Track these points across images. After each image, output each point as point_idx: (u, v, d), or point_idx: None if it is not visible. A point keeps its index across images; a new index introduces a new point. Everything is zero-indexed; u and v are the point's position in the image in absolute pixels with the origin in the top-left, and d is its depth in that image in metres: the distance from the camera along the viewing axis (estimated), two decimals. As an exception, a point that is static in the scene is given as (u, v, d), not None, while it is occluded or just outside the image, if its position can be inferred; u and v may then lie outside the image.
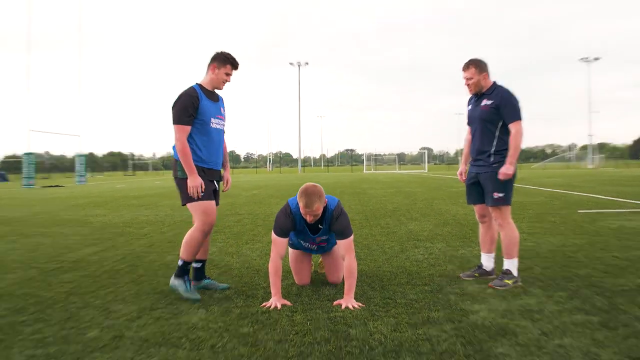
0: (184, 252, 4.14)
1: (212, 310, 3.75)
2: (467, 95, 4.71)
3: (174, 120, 4.05)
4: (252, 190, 19.48)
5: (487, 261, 4.68)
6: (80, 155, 36.85)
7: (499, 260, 4.71)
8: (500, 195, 4.35)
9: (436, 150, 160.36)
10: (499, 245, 4.53)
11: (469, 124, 4.68)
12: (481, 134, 4.48)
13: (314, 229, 4.17)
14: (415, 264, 5.22)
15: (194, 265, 4.40)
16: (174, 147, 4.15)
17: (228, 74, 4.26)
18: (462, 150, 4.92)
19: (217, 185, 4.32)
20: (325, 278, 4.67)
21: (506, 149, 4.37)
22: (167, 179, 42.41)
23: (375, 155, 75.61)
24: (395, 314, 3.59)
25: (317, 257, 5.24)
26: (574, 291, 4.07)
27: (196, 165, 4.09)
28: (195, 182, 4.04)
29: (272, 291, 3.93)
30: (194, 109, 4.05)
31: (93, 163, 75.16)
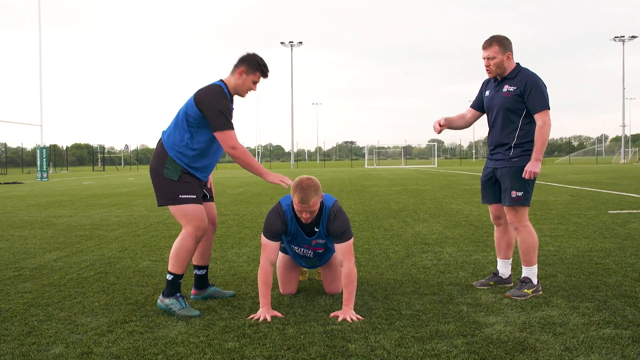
0: (173, 265, 4.09)
1: (193, 323, 3.77)
2: (481, 80, 4.71)
3: (219, 126, 3.98)
4: (238, 188, 19.49)
5: (504, 268, 4.71)
6: (42, 148, 36.76)
7: (517, 267, 4.74)
8: (519, 194, 4.33)
9: (447, 142, 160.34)
10: (518, 250, 4.56)
11: (486, 112, 4.64)
12: (502, 124, 4.43)
13: (309, 231, 4.18)
14: (422, 271, 5.25)
15: (197, 272, 4.45)
16: (166, 139, 4.11)
17: (255, 82, 4.23)
18: (476, 142, 4.95)
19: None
20: (321, 286, 4.69)
21: (528, 142, 4.34)
22: (141, 175, 42.34)
23: (378, 148, 75.80)
24: (399, 326, 3.61)
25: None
26: (602, 302, 4.10)
27: (188, 172, 4.10)
28: (275, 179, 4.06)
29: (260, 302, 3.95)
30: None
31: (56, 156, 74.97)
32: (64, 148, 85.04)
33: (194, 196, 4.08)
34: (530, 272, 4.39)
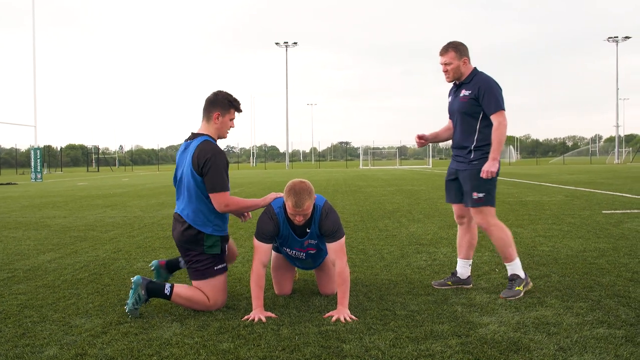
0: (181, 299, 4.04)
1: (188, 324, 3.77)
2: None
3: (217, 187, 4.04)
4: (232, 189, 19.45)
5: (463, 268, 4.71)
6: (36, 149, 36.64)
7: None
8: (481, 195, 4.41)
9: (442, 143, 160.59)
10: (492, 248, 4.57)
11: (450, 117, 4.73)
12: (461, 128, 4.55)
13: (300, 232, 4.19)
14: (417, 272, 5.26)
15: (180, 260, 4.64)
16: (192, 218, 4.12)
17: (232, 119, 4.30)
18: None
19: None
20: (316, 287, 4.70)
21: (487, 145, 4.43)
22: (135, 175, 42.27)
23: (373, 148, 75.85)
24: (394, 327, 3.62)
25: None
26: (596, 301, 4.12)
27: (224, 237, 4.23)
28: (270, 198, 4.28)
29: (253, 303, 3.95)
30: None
31: (50, 157, 74.68)
32: (58, 149, 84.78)
33: (224, 264, 4.24)
34: (514, 267, 4.44)
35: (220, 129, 4.23)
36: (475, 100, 4.43)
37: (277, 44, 67.08)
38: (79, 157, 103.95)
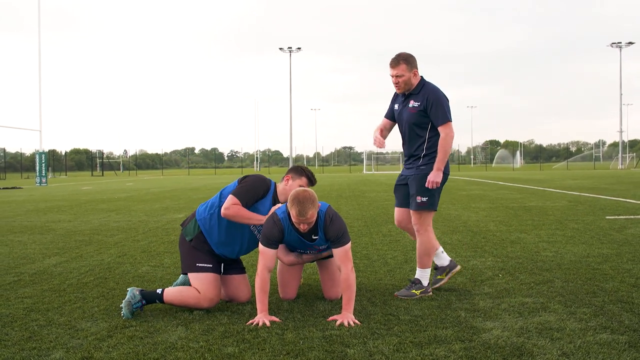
0: (172, 299, 4.21)
1: (193, 328, 3.79)
2: (480, 84, 4.79)
3: (236, 194, 4.29)
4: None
5: (441, 260, 4.86)
6: (41, 153, 36.77)
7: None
8: (424, 199, 4.61)
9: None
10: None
11: (397, 124, 4.85)
12: (409, 138, 4.72)
13: (308, 239, 4.22)
14: (421, 277, 5.26)
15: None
16: (206, 212, 4.42)
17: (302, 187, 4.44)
18: (475, 148, 5.03)
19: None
20: (320, 292, 4.71)
21: (435, 151, 4.60)
22: (139, 180, 42.37)
23: (377, 153, 75.72)
24: (398, 331, 3.63)
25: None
26: (599, 307, 4.13)
27: (208, 249, 4.38)
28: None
29: (258, 308, 3.97)
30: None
31: (55, 161, 74.88)
32: (63, 153, 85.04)
33: (210, 265, 4.34)
34: (423, 274, 4.65)
35: (286, 191, 4.42)
36: (424, 111, 4.58)
37: (280, 49, 67.20)
38: (83, 161, 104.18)
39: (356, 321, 3.83)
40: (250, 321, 3.89)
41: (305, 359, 3.19)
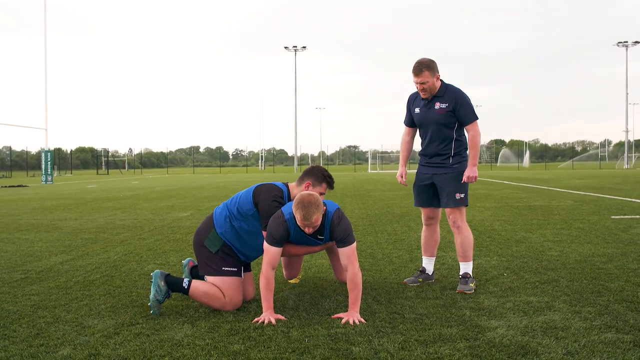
0: (198, 296, 4.20)
1: (199, 326, 3.81)
2: (486, 85, 4.87)
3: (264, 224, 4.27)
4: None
5: (429, 265, 5.09)
6: (47, 151, 36.90)
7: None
8: (462, 195, 4.82)
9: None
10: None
11: (418, 126, 5.03)
12: (435, 138, 4.87)
13: (314, 239, 4.24)
14: (426, 276, 5.27)
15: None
16: (227, 224, 4.38)
17: (322, 194, 4.46)
18: (480, 147, 5.05)
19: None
20: (326, 290, 4.72)
21: (464, 150, 4.87)
22: (145, 178, 42.48)
23: (382, 152, 75.83)
24: (403, 330, 3.65)
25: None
26: (604, 306, 4.13)
27: (234, 255, 4.38)
28: None
29: (263, 306, 3.99)
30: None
31: (61, 160, 75.06)
32: (68, 151, 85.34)
33: (235, 269, 4.35)
34: (469, 267, 4.82)
35: None
36: (452, 112, 4.77)
37: (286, 48, 67.23)
38: (88, 159, 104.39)
39: (361, 319, 3.84)
40: (256, 319, 3.91)
41: (311, 357, 3.20)
